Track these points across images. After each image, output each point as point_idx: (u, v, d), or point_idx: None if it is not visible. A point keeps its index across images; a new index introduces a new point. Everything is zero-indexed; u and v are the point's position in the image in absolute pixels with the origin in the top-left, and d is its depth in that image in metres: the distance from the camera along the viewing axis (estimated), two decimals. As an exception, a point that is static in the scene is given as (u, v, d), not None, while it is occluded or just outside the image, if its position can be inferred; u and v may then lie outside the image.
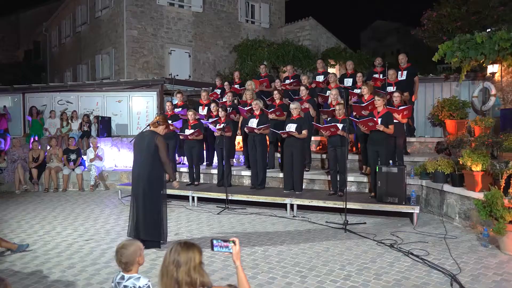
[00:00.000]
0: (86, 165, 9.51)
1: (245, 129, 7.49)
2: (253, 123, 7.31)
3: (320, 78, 9.05)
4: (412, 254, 4.46)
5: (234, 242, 2.35)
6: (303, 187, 7.37)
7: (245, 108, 8.01)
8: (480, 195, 5.04)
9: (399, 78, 8.38)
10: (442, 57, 7.73)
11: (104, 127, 10.42)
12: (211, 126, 7.82)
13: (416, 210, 5.70)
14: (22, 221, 6.45)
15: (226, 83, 9.52)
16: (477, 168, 5.26)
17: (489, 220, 4.66)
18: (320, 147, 8.75)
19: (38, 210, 7.26)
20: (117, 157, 10.32)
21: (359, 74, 8.22)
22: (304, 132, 6.84)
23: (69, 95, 11.46)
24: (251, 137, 7.39)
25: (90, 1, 16.40)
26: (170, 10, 14.89)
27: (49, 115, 10.74)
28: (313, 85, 9.04)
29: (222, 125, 7.58)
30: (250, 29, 17.38)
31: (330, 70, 16.43)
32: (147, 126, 5.09)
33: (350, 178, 7.08)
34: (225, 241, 2.37)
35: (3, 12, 26.47)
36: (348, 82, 8.85)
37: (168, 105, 8.65)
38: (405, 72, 8.37)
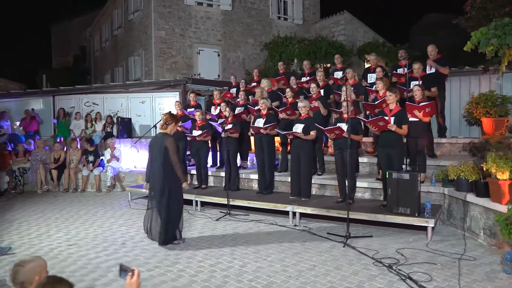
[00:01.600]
0: (104, 166, 9.58)
1: (251, 129, 7.03)
2: (259, 123, 6.83)
3: (338, 75, 8.35)
4: (410, 279, 3.76)
5: (133, 272, 2.11)
6: (313, 192, 6.79)
7: (255, 108, 7.56)
8: (505, 209, 4.19)
9: (427, 72, 7.48)
10: (476, 46, 6.72)
11: (124, 128, 10.46)
12: (217, 127, 7.46)
13: (430, 223, 4.91)
14: (25, 221, 6.52)
15: (242, 81, 9.11)
16: (503, 176, 4.39)
17: (513, 241, 3.82)
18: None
19: (46, 210, 7.34)
20: (136, 158, 10.32)
21: (378, 69, 7.41)
22: (312, 133, 6.24)
23: (95, 97, 11.68)
24: (257, 138, 6.92)
25: (124, 4, 16.79)
26: (198, 9, 14.78)
27: (74, 116, 11.00)
28: (331, 82, 8.38)
29: (229, 125, 7.19)
30: (282, 26, 16.83)
31: (367, 66, 15.46)
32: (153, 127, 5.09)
33: (363, 184, 6.37)
34: (125, 269, 2.14)
35: (55, 20, 28.20)
36: (372, 78, 8.04)
37: (177, 105, 8.43)
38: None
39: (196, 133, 7.40)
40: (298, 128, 6.25)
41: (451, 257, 4.32)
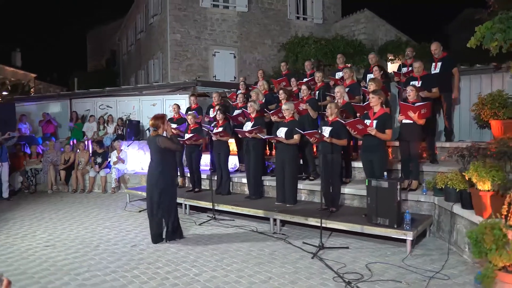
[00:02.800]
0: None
1: (238, 133, 6.88)
2: (248, 126, 6.67)
3: (339, 75, 7.99)
4: (363, 297, 3.46)
5: (1, 282, 1.99)
6: (302, 198, 6.54)
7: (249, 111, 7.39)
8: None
9: (433, 71, 6.99)
10: (480, 41, 6.17)
11: (132, 130, 10.64)
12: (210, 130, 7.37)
13: (408, 236, 4.53)
14: (20, 221, 6.75)
15: (241, 83, 8.97)
16: (484, 186, 3.95)
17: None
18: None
19: (46, 211, 7.58)
20: (143, 160, 10.45)
21: (375, 68, 7.01)
22: (296, 137, 5.98)
23: (109, 100, 11.99)
24: (245, 142, 6.77)
25: (145, 9, 17.18)
26: (213, 11, 14.81)
27: (88, 119, 11.35)
28: (332, 83, 8.04)
29: (219, 128, 7.09)
30: (301, 26, 16.51)
31: (390, 65, 14.79)
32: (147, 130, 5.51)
33: (352, 190, 6.03)
34: None
35: (91, 26, 29.47)
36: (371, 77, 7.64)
37: (174, 108, 8.44)
38: (439, 64, 6.94)
39: (187, 136, 7.36)
40: (281, 132, 6.03)
41: (423, 275, 3.95)
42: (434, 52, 7.00)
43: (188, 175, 8.41)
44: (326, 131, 5.52)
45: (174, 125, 8.17)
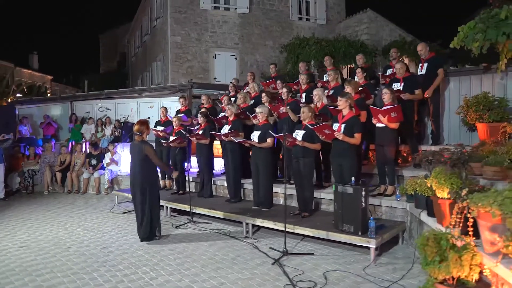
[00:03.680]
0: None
1: (216, 137, 6.86)
2: (225, 129, 6.65)
3: (326, 77, 7.86)
4: (307, 307, 3.38)
5: None
6: (281, 202, 6.47)
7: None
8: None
9: (419, 72, 6.82)
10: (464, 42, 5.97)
11: (127, 132, 10.75)
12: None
13: (372, 244, 4.41)
14: (6, 222, 6.90)
15: (231, 85, 8.96)
16: (443, 194, 3.81)
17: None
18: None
19: (35, 211, 7.72)
20: (137, 162, 10.55)
21: (358, 70, 6.87)
22: (269, 140, 5.93)
23: (108, 102, 12.16)
24: (222, 145, 6.74)
25: (150, 12, 17.38)
26: (214, 13, 14.86)
27: (87, 121, 11.54)
28: (320, 85, 7.92)
29: (200, 131, 7.09)
30: (304, 27, 16.38)
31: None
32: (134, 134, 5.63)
33: (329, 195, 5.92)
34: None
35: (103, 29, 30.04)
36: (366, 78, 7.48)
37: (162, 111, 8.50)
38: (425, 65, 6.76)
39: (171, 138, 7.39)
40: (254, 135, 5.98)
41: (379, 285, 3.84)
42: (420, 53, 6.83)
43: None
44: (299, 134, 5.44)
45: (161, 128, 8.26)
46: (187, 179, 7.91)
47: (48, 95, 26.00)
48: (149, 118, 11.00)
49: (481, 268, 2.97)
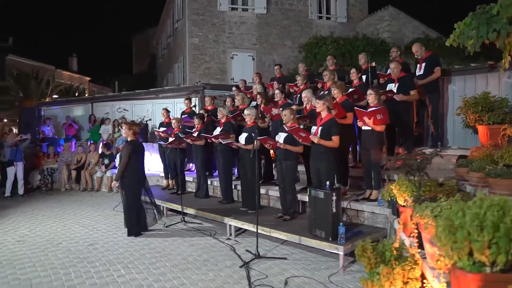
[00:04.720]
0: (117, 168, 10.29)
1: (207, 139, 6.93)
2: (216, 131, 6.71)
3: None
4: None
5: None
6: (271, 205, 6.46)
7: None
8: (408, 240, 3.49)
9: (418, 73, 6.55)
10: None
11: (139, 132, 11.07)
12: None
13: (340, 250, 4.30)
14: (14, 217, 7.35)
15: (234, 88, 9.00)
16: (402, 201, 3.66)
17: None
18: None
19: (45, 208, 8.17)
20: (148, 162, 10.86)
21: (352, 70, 6.70)
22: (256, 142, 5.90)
23: (126, 103, 12.60)
24: (215, 147, 6.81)
25: (172, 14, 17.80)
26: (232, 15, 14.96)
27: (104, 121, 12.03)
28: (320, 86, 7.79)
29: (196, 133, 7.20)
30: (324, 25, 16.11)
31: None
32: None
33: (314, 198, 5.82)
34: None
35: (136, 31, 31.08)
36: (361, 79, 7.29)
37: (163, 113, 8.70)
38: (423, 65, 6.49)
39: (170, 139, 7.57)
40: (242, 137, 5.99)
41: (338, 292, 3.75)
42: (416, 54, 6.57)
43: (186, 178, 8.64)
44: (281, 137, 5.40)
45: (163, 129, 8.47)
46: (187, 179, 8.12)
47: (86, 95, 27.31)
48: (146, 120, 11.36)
49: (422, 282, 2.83)
